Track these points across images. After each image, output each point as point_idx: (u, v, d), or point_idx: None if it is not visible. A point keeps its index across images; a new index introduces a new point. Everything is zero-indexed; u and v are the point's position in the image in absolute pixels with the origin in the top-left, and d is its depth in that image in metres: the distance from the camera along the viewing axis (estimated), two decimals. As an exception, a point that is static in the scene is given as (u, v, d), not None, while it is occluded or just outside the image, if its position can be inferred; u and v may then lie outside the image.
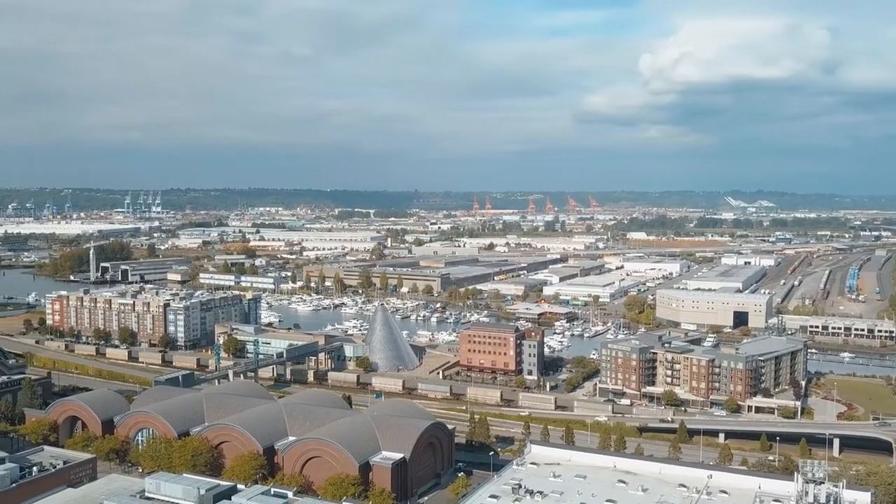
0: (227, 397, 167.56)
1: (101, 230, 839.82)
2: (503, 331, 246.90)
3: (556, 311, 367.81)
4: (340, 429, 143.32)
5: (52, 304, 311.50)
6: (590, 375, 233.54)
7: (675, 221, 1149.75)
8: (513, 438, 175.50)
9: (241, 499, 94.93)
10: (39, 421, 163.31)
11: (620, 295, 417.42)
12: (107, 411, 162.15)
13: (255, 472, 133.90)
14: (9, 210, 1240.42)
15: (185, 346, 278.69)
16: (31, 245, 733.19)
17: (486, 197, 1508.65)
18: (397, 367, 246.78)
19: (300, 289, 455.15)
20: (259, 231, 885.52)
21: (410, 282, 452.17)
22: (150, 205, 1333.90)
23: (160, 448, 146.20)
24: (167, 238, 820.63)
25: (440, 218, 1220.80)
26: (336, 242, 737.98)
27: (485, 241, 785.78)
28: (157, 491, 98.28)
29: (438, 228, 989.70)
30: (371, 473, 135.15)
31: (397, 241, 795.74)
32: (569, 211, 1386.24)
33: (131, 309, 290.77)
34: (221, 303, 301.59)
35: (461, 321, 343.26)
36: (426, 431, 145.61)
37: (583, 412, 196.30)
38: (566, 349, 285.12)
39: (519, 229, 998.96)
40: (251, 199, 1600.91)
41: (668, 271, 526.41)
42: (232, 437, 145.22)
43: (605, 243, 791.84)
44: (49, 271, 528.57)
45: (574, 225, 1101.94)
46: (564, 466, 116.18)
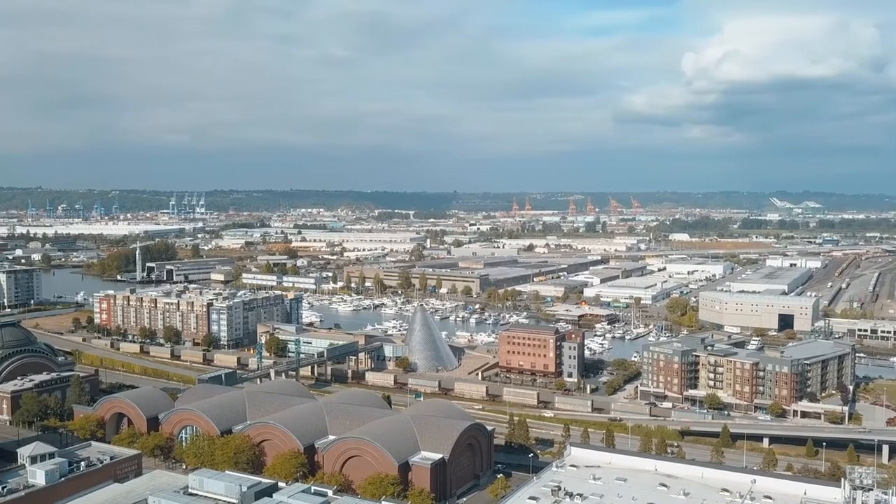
0: (269, 396, 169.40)
1: (146, 231, 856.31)
2: (543, 332, 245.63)
3: (596, 312, 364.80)
4: (380, 428, 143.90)
5: (99, 302, 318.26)
6: (631, 378, 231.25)
7: (718, 223, 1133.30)
8: (552, 441, 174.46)
9: (282, 497, 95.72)
10: (87, 417, 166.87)
11: (662, 297, 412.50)
12: (152, 408, 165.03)
13: (295, 470, 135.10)
14: (58, 211, 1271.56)
15: (227, 344, 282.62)
16: (80, 245, 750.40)
17: (526, 198, 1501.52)
18: (436, 368, 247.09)
19: (341, 289, 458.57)
20: (301, 232, 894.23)
21: (449, 282, 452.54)
22: (195, 206, 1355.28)
23: (203, 445, 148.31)
24: (211, 239, 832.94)
25: (479, 219, 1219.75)
26: (376, 243, 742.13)
27: (524, 242, 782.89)
28: (201, 487, 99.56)
29: (477, 229, 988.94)
30: (410, 473, 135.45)
31: (436, 242, 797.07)
32: (610, 212, 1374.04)
33: (176, 308, 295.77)
34: (264, 302, 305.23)
35: (500, 322, 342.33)
36: (465, 432, 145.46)
37: (620, 415, 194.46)
38: (607, 351, 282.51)
39: (559, 230, 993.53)
40: (293, 200, 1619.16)
41: (711, 273, 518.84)
42: (273, 435, 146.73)
43: (646, 245, 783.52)
44: (97, 271, 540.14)
45: (615, 226, 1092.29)
46: (605, 469, 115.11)
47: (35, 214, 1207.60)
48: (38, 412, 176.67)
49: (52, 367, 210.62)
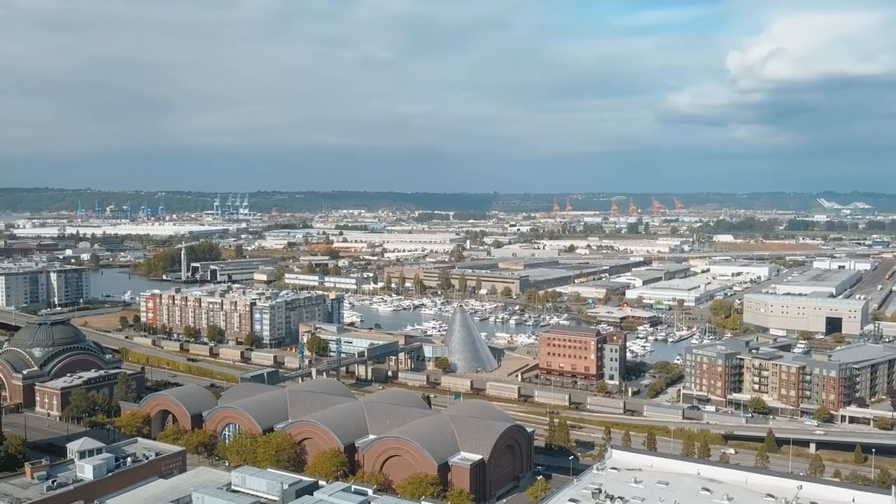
0: (310, 395, 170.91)
1: (191, 231, 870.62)
2: (584, 334, 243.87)
3: (638, 314, 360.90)
4: (420, 428, 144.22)
5: (145, 301, 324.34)
6: (673, 381, 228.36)
7: (763, 224, 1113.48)
8: (593, 443, 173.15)
9: (323, 495, 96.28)
10: (133, 414, 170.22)
11: (706, 299, 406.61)
12: (196, 406, 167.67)
13: (336, 469, 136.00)
14: (107, 212, 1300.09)
15: (270, 343, 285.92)
16: (127, 245, 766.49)
17: (567, 198, 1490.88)
18: (475, 369, 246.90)
19: (381, 289, 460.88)
20: (342, 233, 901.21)
21: (489, 283, 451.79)
22: (238, 207, 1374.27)
23: (246, 443, 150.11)
24: (254, 239, 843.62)
25: (519, 220, 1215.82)
26: (416, 244, 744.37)
27: (565, 243, 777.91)
28: (243, 484, 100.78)
29: (518, 230, 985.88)
30: (450, 474, 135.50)
31: (476, 242, 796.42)
32: (653, 212, 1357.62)
33: (219, 307, 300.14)
34: (305, 302, 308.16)
35: (540, 324, 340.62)
36: (505, 433, 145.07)
37: (653, 417, 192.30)
38: (649, 354, 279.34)
39: (601, 231, 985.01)
40: (335, 201, 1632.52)
41: (756, 275, 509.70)
42: (314, 433, 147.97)
43: (690, 246, 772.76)
44: (143, 270, 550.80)
45: (658, 227, 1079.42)
46: (646, 472, 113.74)
47: (84, 215, 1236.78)
48: (86, 408, 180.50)
49: (100, 364, 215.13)
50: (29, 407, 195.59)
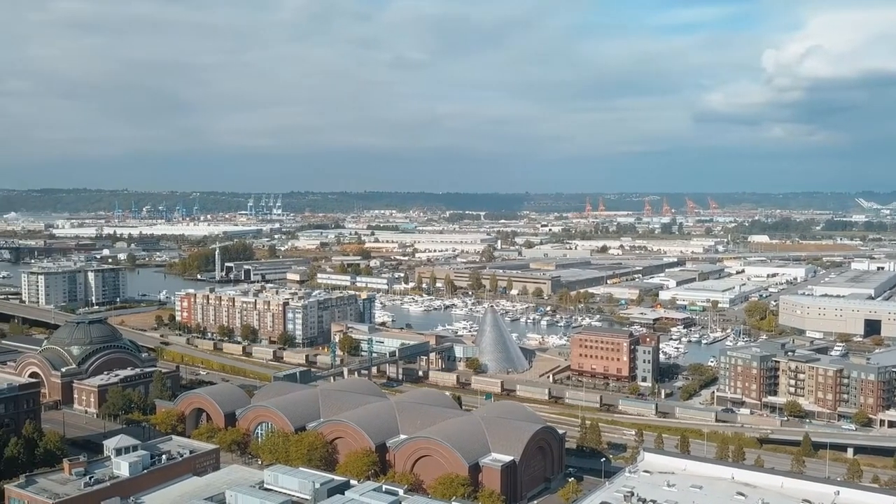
0: (342, 394, 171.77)
1: (225, 231, 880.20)
2: (616, 335, 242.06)
3: (672, 316, 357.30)
4: (450, 429, 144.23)
5: (180, 301, 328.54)
6: (707, 383, 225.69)
7: (800, 224, 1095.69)
8: (625, 445, 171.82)
9: (354, 494, 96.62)
10: (168, 412, 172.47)
11: (741, 300, 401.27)
12: (229, 404, 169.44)
13: (367, 468, 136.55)
14: (143, 212, 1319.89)
15: (302, 343, 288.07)
16: (163, 245, 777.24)
17: (600, 198, 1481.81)
18: (507, 370, 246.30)
19: (412, 289, 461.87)
20: (374, 233, 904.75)
21: (520, 284, 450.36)
22: (272, 207, 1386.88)
23: (278, 442, 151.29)
24: (287, 239, 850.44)
25: (551, 220, 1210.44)
26: (447, 244, 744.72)
27: (597, 243, 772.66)
28: (275, 483, 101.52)
29: (549, 230, 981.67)
30: (480, 475, 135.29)
31: (507, 243, 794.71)
32: (687, 213, 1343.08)
33: (253, 307, 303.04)
34: (338, 302, 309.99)
35: (572, 325, 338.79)
36: (536, 435, 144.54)
37: (685, 420, 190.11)
38: (683, 356, 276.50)
39: (634, 231, 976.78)
40: (366, 201, 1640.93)
41: (792, 276, 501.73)
42: (346, 433, 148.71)
43: (724, 246, 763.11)
44: (178, 270, 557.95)
45: (692, 227, 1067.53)
46: (679, 476, 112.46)
47: (121, 216, 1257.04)
48: (122, 406, 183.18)
49: (136, 362, 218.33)
50: (67, 404, 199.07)
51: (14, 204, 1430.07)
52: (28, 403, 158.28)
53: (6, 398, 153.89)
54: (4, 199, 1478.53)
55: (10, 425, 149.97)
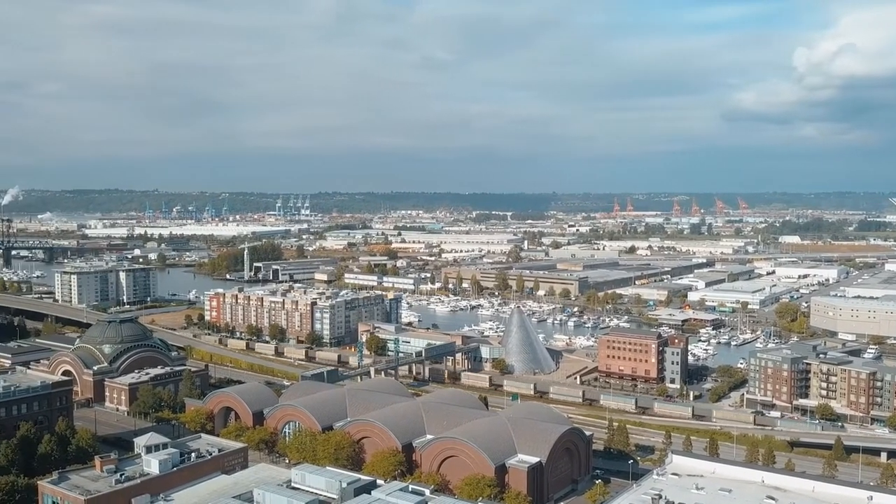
0: (369, 394, 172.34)
1: (254, 232, 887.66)
2: (644, 337, 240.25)
3: (701, 317, 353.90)
4: (477, 429, 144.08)
5: (209, 300, 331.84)
6: (737, 385, 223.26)
7: (832, 224, 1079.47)
8: (653, 448, 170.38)
9: (381, 494, 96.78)
10: (198, 410, 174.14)
11: (771, 302, 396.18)
12: (257, 403, 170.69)
13: (393, 468, 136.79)
14: (173, 213, 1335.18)
15: (330, 342, 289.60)
16: (192, 245, 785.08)
17: (628, 198, 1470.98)
18: (533, 371, 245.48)
19: (438, 290, 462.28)
20: (400, 233, 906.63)
21: (547, 285, 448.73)
22: (300, 208, 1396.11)
23: (305, 441, 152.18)
24: (315, 240, 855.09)
25: (579, 220, 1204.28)
26: (473, 244, 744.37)
27: (626, 243, 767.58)
28: (302, 482, 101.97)
29: (577, 231, 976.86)
30: (507, 476, 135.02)
31: (534, 243, 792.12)
32: (716, 213, 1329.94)
33: (281, 307, 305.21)
34: (365, 302, 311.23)
35: (600, 326, 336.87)
36: (563, 436, 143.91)
37: (723, 423, 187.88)
38: (711, 357, 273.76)
39: (662, 232, 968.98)
40: (393, 202, 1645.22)
41: (823, 277, 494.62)
42: (372, 432, 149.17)
43: (754, 247, 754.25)
44: (208, 270, 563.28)
45: (722, 227, 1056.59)
46: (708, 479, 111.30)
47: (152, 216, 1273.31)
48: (152, 404, 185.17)
49: (166, 361, 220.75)
50: (99, 402, 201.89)
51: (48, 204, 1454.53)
52: (61, 401, 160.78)
53: (40, 396, 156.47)
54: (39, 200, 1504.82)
55: (43, 422, 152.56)
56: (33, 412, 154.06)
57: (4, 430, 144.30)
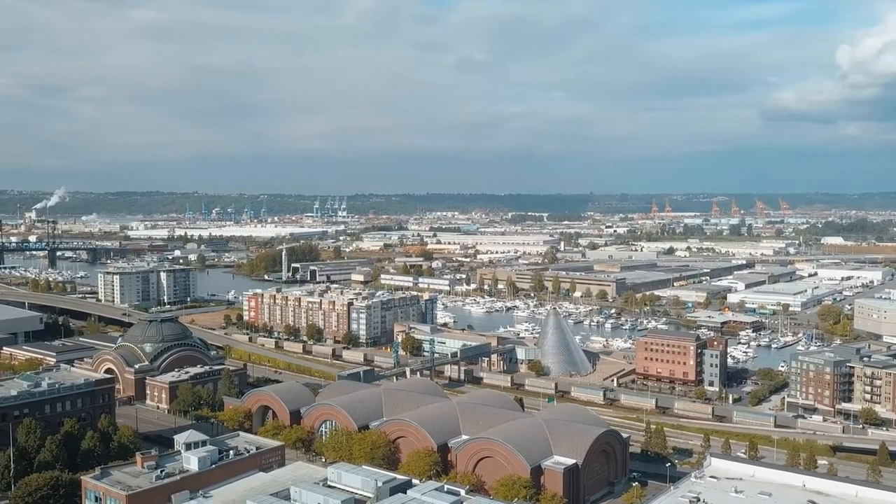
0: (405, 394, 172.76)
1: (292, 233, 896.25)
2: (683, 339, 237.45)
3: (741, 319, 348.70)
4: (512, 430, 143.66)
5: (248, 300, 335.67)
6: (777, 389, 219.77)
7: (876, 225, 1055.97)
8: (691, 450, 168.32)
9: (416, 493, 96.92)
10: (236, 409, 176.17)
11: (813, 304, 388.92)
12: (295, 402, 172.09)
13: (429, 468, 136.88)
14: (213, 214, 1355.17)
15: (366, 342, 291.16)
16: (232, 246, 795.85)
17: (666, 199, 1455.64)
18: (570, 373, 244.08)
19: (474, 291, 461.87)
20: (436, 234, 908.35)
21: (584, 286, 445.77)
22: (337, 209, 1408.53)
23: (342, 440, 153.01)
24: (351, 241, 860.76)
25: (616, 221, 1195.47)
26: (509, 246, 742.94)
27: (664, 245, 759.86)
28: (339, 480, 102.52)
29: (614, 232, 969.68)
30: (543, 477, 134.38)
31: (571, 244, 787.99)
32: (756, 214, 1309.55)
33: (318, 307, 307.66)
34: (400, 302, 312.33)
35: (637, 328, 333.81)
36: (599, 438, 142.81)
37: (743, 424, 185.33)
38: (751, 360, 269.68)
39: (701, 233, 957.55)
40: (429, 203, 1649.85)
41: (868, 279, 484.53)
42: (408, 432, 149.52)
43: (796, 248, 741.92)
44: (246, 270, 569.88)
45: (762, 229, 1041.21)
46: (748, 482, 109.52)
47: (192, 217, 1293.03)
48: (192, 402, 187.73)
49: (206, 360, 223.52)
50: (140, 399, 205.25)
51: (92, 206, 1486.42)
52: (103, 398, 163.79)
53: (83, 393, 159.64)
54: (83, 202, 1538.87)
55: (86, 419, 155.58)
56: (77, 409, 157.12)
57: (49, 426, 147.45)
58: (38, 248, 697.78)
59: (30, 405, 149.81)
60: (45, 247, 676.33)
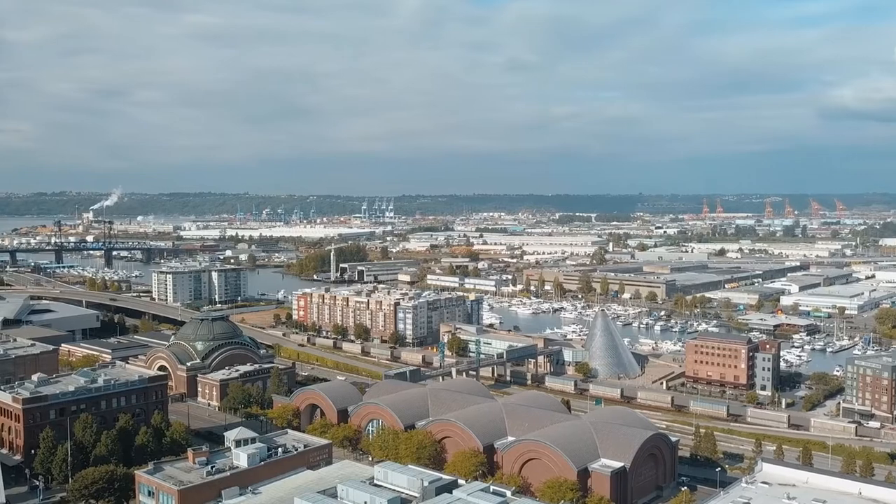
0: (451, 394, 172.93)
1: (340, 234, 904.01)
2: (734, 342, 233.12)
3: (794, 322, 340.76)
4: (559, 432, 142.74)
5: (297, 300, 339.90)
6: (832, 394, 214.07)
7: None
8: (742, 455, 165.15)
9: (462, 494, 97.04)
10: (284, 407, 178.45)
11: (871, 307, 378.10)
12: (342, 401, 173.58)
13: (475, 468, 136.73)
14: (263, 215, 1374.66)
15: (412, 342, 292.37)
16: (281, 247, 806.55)
17: (717, 199, 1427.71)
18: (618, 375, 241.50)
19: (520, 292, 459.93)
20: (482, 235, 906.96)
21: (633, 287, 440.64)
22: (384, 210, 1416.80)
23: (388, 439, 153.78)
24: (398, 241, 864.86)
25: (666, 222, 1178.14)
26: (556, 246, 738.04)
27: (715, 246, 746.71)
28: (385, 480, 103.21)
29: (664, 232, 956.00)
30: (589, 480, 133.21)
31: (619, 245, 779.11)
32: (811, 214, 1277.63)
33: (365, 307, 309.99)
34: (446, 303, 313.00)
35: (687, 330, 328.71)
36: (648, 442, 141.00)
37: (821, 433, 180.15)
38: (805, 364, 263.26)
39: (753, 234, 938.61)
40: (475, 204, 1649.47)
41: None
42: (454, 432, 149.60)
43: (852, 250, 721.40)
44: (295, 270, 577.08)
45: (817, 230, 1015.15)
46: (801, 489, 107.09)
47: (243, 218, 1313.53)
48: (242, 400, 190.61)
49: (255, 358, 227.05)
50: (192, 397, 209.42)
51: (146, 207, 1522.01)
52: (157, 395, 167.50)
53: (138, 389, 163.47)
54: (138, 203, 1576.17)
55: (140, 415, 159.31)
56: (131, 405, 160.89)
57: (105, 421, 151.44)
58: (95, 247, 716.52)
59: (86, 401, 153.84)
60: (101, 247, 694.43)
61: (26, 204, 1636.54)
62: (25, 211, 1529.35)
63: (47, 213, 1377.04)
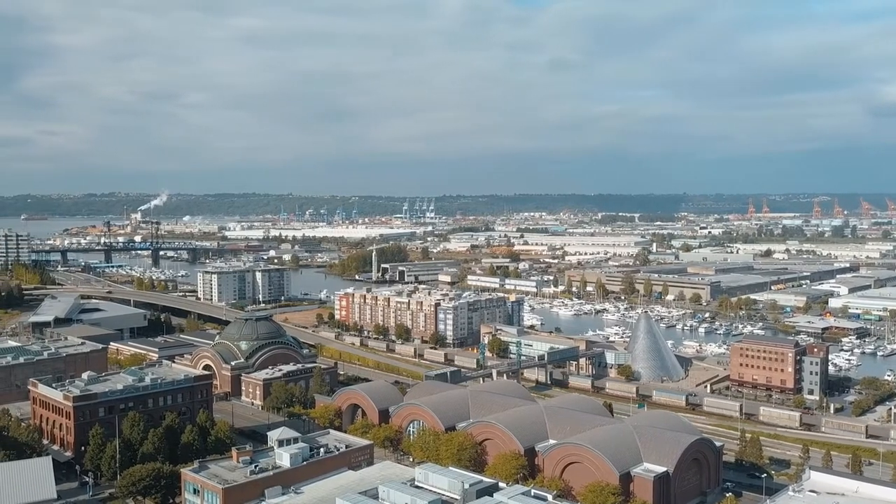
0: (491, 396, 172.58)
1: (382, 234, 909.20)
2: (781, 345, 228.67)
3: (843, 325, 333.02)
4: (601, 436, 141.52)
5: (339, 300, 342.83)
6: (883, 399, 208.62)
7: None
8: (789, 462, 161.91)
9: (503, 497, 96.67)
10: (326, 407, 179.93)
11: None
12: (383, 401, 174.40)
13: (515, 471, 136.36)
14: (306, 216, 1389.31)
15: (453, 343, 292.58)
16: (324, 247, 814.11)
17: (763, 199, 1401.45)
18: (661, 378, 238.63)
19: (561, 293, 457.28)
20: (523, 235, 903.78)
21: (676, 289, 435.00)
22: (425, 211, 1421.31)
23: (429, 440, 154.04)
24: (439, 242, 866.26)
25: (710, 222, 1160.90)
26: (598, 247, 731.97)
27: (761, 247, 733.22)
28: (426, 481, 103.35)
29: (708, 233, 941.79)
30: (632, 484, 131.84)
31: (663, 246, 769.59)
32: (861, 214, 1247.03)
33: (406, 307, 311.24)
34: (487, 304, 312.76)
35: (732, 333, 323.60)
36: (691, 446, 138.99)
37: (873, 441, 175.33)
38: (855, 368, 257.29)
39: (801, 234, 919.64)
40: (516, 204, 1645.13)
41: None
42: (495, 434, 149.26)
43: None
44: (337, 271, 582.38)
45: (868, 230, 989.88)
46: (850, 498, 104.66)
47: (286, 219, 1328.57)
48: (284, 399, 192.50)
49: (298, 358, 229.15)
50: (236, 396, 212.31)
51: (192, 208, 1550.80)
52: (202, 394, 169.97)
53: (184, 388, 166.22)
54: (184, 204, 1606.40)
55: (186, 413, 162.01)
56: (177, 403, 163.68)
57: (152, 419, 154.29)
58: (142, 247, 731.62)
59: (134, 399, 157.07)
60: (148, 247, 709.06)
61: (77, 205, 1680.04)
62: (76, 212, 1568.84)
63: (97, 214, 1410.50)
